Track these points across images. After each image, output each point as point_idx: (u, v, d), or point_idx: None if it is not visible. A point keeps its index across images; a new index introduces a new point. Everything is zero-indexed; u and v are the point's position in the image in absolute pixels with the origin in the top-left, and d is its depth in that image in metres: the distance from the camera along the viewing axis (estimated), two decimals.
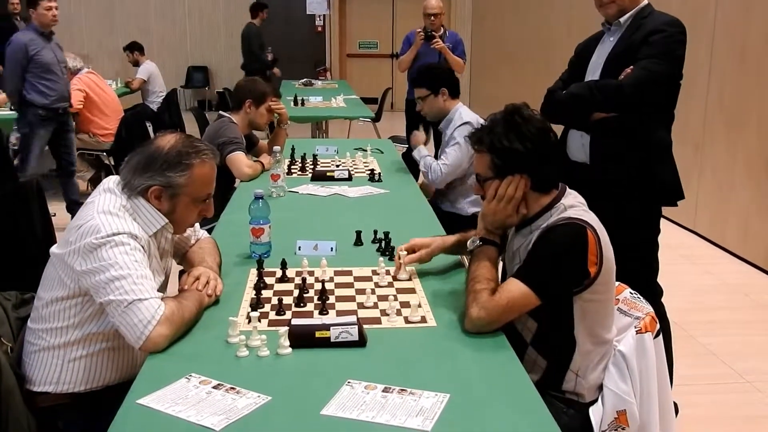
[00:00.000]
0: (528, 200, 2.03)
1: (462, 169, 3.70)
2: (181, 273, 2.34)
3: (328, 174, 3.71)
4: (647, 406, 1.98)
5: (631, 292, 2.16)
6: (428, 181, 3.80)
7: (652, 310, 2.10)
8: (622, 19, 2.81)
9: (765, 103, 4.77)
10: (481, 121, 2.28)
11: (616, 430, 1.95)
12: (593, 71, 2.88)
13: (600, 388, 2.01)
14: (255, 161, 3.84)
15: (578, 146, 2.92)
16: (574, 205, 2.02)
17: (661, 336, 2.09)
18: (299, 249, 2.51)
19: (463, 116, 3.76)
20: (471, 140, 2.08)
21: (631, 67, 2.69)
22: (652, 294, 2.22)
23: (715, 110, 5.33)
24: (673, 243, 5.34)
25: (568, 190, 2.09)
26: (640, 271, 2.79)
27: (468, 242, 2.15)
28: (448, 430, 1.47)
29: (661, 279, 2.84)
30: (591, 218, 1.98)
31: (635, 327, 2.01)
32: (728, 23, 5.17)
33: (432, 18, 6.31)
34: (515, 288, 1.90)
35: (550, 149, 2.04)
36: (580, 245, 1.90)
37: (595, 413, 1.97)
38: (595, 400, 2.00)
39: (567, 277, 1.90)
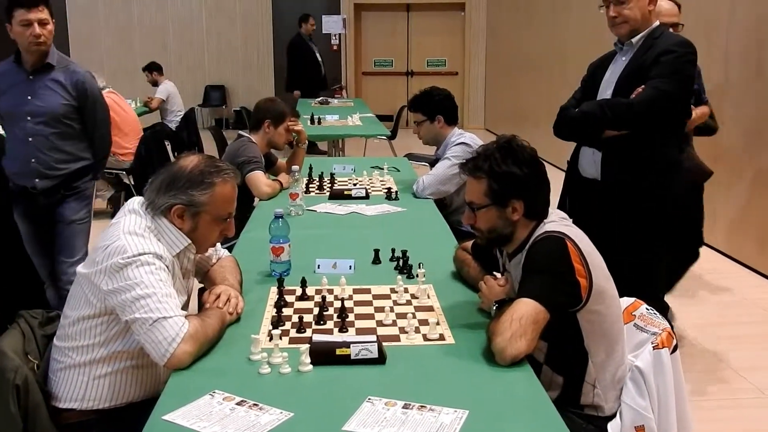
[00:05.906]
0: (519, 227, 2.05)
1: (446, 186, 3.69)
2: (201, 291, 2.37)
3: (345, 192, 3.74)
4: (665, 422, 1.99)
5: (647, 308, 2.18)
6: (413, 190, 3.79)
7: (668, 325, 2.11)
8: (634, 40, 2.86)
9: None
10: (480, 141, 2.30)
11: None
12: (605, 90, 2.92)
13: (619, 401, 2.02)
14: (273, 180, 3.89)
15: (590, 163, 2.95)
16: (554, 220, 2.06)
17: (678, 351, 2.10)
18: (318, 267, 2.54)
19: (461, 137, 3.78)
20: (466, 168, 2.08)
21: (642, 86, 2.73)
22: (658, 310, 2.25)
23: (730, 122, 5.33)
24: None
25: (552, 211, 2.11)
26: (647, 287, 2.80)
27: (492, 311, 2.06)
28: None
29: (679, 294, 2.84)
30: (571, 231, 2.01)
31: (652, 343, 2.02)
32: (742, 38, 5.18)
33: None
34: (521, 305, 1.87)
35: (543, 176, 2.07)
36: (562, 256, 1.92)
37: (613, 428, 1.99)
38: (614, 415, 2.01)
39: (561, 288, 1.91)
